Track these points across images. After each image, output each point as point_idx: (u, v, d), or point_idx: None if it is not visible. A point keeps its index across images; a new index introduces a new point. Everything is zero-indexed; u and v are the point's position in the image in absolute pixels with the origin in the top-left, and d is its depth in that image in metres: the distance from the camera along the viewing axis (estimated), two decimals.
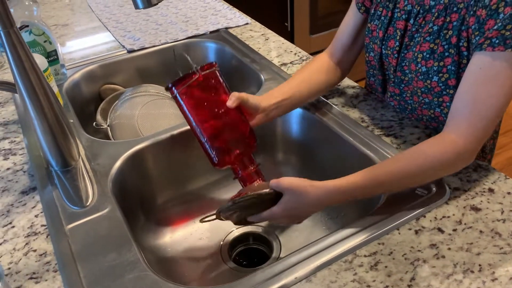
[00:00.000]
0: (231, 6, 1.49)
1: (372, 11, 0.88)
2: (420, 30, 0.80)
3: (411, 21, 0.81)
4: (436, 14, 0.77)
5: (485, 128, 0.69)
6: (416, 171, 0.70)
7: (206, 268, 0.87)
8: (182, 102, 0.79)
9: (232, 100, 0.78)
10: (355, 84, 1.04)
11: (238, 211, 0.74)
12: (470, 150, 0.69)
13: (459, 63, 0.76)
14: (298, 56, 1.18)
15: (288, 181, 0.70)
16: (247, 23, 1.37)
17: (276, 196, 0.71)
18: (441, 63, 0.77)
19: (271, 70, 1.13)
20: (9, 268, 0.67)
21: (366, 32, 0.91)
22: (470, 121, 0.69)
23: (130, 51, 1.25)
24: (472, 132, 0.68)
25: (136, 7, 0.70)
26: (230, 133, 0.79)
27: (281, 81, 1.07)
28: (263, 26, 1.35)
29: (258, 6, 2.23)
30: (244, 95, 0.80)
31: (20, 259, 0.68)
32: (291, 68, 1.13)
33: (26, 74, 0.73)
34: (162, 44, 1.28)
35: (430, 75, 0.79)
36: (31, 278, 0.65)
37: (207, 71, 0.78)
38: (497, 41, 0.66)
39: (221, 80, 0.81)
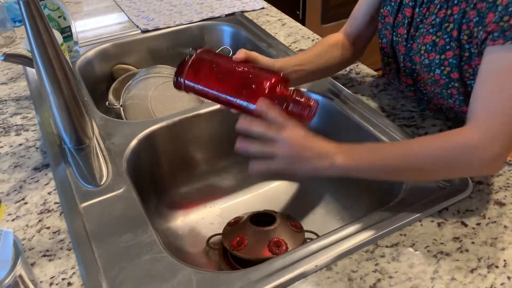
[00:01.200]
0: None
1: None
2: (424, 20, 0.79)
3: (417, 9, 0.80)
4: (439, 6, 0.76)
5: (505, 123, 0.63)
6: (423, 162, 0.65)
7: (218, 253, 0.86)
8: (193, 84, 0.73)
9: (240, 54, 0.72)
10: (375, 73, 1.02)
11: None
12: (487, 147, 0.63)
13: (461, 57, 0.73)
14: (316, 42, 1.16)
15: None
16: (263, 8, 1.35)
17: None
18: (443, 56, 0.75)
19: (288, 56, 1.10)
20: (22, 245, 0.65)
21: (380, 18, 0.90)
22: (485, 118, 0.64)
23: (144, 31, 1.23)
24: (489, 128, 0.63)
25: None
26: (252, 80, 0.70)
27: None
28: (279, 11, 1.33)
29: None
30: (253, 53, 0.75)
31: (33, 236, 0.67)
32: None
33: (44, 47, 0.71)
34: (176, 26, 1.25)
35: (433, 68, 0.78)
36: (44, 255, 0.64)
37: (201, 49, 0.73)
38: (496, 34, 0.64)
39: (219, 54, 0.75)
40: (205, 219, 0.93)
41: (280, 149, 0.64)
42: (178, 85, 0.73)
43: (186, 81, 0.72)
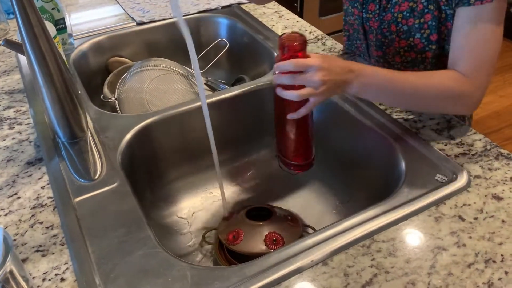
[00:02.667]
0: None
1: None
2: None
3: None
4: None
5: (487, 71, 0.74)
6: (428, 95, 0.75)
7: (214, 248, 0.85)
8: None
9: None
10: None
11: None
12: (476, 92, 0.75)
13: (439, 18, 0.80)
14: (313, 35, 1.15)
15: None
16: None
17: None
18: (422, 20, 0.81)
19: None
20: (14, 240, 0.65)
21: None
22: (474, 66, 0.74)
23: (139, 24, 1.22)
24: (476, 75, 0.74)
25: None
26: None
27: None
28: (276, 3, 1.32)
29: None
30: None
31: (26, 231, 0.66)
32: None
33: (36, 39, 0.70)
34: (172, 18, 1.24)
35: (412, 33, 0.83)
36: (37, 251, 0.63)
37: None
38: None
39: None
40: (201, 213, 0.92)
41: (317, 74, 0.70)
42: None
43: None
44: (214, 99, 0.93)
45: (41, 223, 0.67)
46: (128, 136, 0.83)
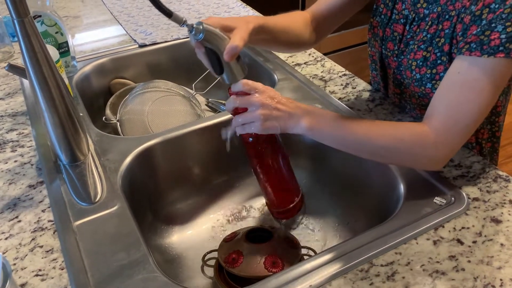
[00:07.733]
0: (244, 4, 1.47)
1: (375, 6, 0.88)
2: (414, 37, 0.80)
3: (407, 27, 0.82)
4: (430, 22, 0.77)
5: (459, 133, 0.68)
6: (382, 143, 0.70)
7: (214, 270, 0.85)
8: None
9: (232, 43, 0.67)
10: (370, 87, 1.02)
11: None
12: (440, 150, 0.69)
13: None
14: (313, 57, 1.16)
15: None
16: None
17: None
18: (434, 71, 0.77)
19: (284, 70, 1.10)
20: (14, 264, 0.65)
21: (369, 27, 0.91)
22: (445, 123, 0.68)
23: (141, 46, 1.23)
24: (445, 133, 0.68)
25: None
26: None
27: (295, 81, 1.06)
28: None
29: (269, 6, 2.21)
30: (223, 23, 0.70)
31: (26, 255, 0.66)
32: (305, 69, 1.11)
33: (39, 65, 0.71)
34: (174, 40, 1.26)
35: (424, 82, 0.79)
36: (37, 275, 0.63)
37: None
38: (474, 45, 0.65)
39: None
40: (201, 235, 0.93)
41: (254, 112, 0.68)
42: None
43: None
44: (215, 120, 0.94)
45: (41, 247, 0.68)
46: (129, 159, 0.83)
